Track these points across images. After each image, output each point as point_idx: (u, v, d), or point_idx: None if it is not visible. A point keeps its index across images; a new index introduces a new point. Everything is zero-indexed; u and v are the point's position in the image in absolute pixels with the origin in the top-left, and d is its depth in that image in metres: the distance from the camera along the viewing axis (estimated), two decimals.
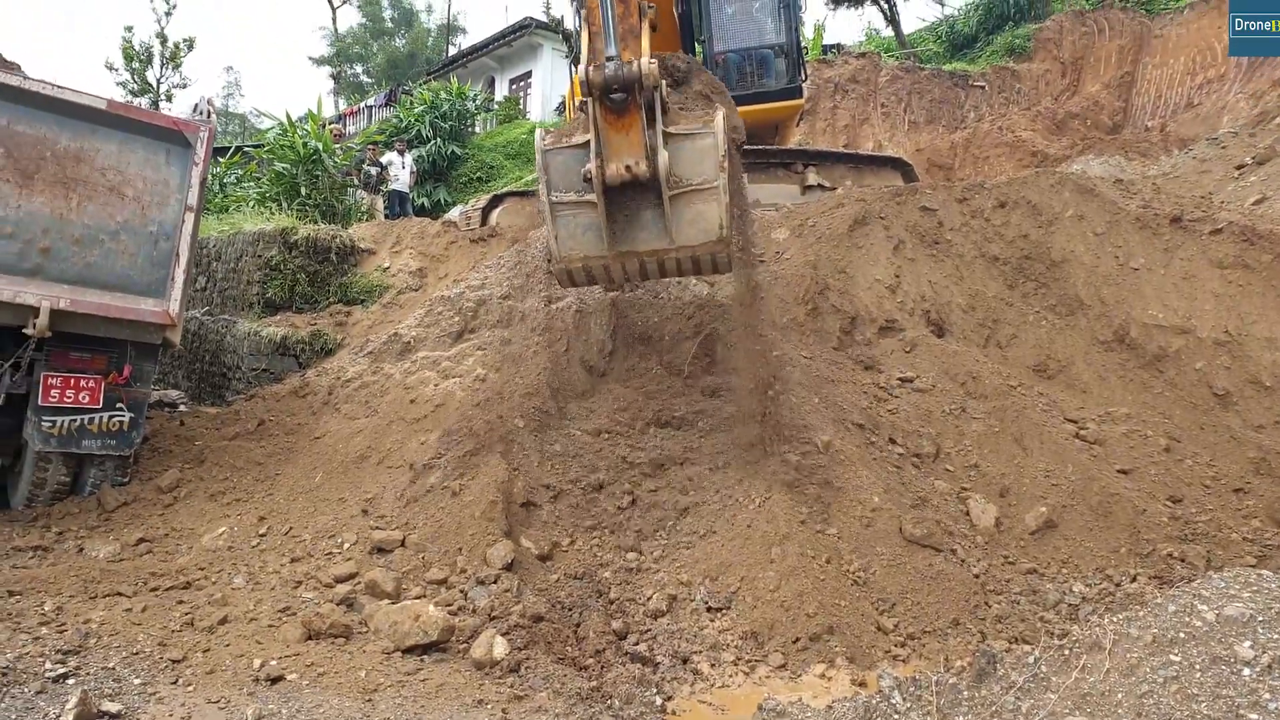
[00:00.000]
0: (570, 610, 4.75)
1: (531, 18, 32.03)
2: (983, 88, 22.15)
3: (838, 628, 4.41)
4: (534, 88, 33.78)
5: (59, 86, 5.91)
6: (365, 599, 4.64)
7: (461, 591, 4.73)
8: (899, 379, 6.61)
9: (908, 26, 28.17)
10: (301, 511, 5.82)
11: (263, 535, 5.53)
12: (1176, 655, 2.62)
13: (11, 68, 6.01)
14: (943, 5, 29.67)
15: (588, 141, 5.24)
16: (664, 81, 5.36)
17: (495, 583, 4.77)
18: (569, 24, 18.84)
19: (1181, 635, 2.69)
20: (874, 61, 23.16)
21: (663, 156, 5.27)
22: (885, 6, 26.89)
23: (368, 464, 6.35)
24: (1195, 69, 18.75)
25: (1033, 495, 5.53)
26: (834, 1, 27.33)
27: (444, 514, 5.40)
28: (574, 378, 6.89)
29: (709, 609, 4.71)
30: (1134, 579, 4.92)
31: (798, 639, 4.36)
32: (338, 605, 4.51)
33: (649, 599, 4.87)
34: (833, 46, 26.33)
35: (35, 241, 5.69)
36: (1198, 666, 2.55)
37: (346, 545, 5.25)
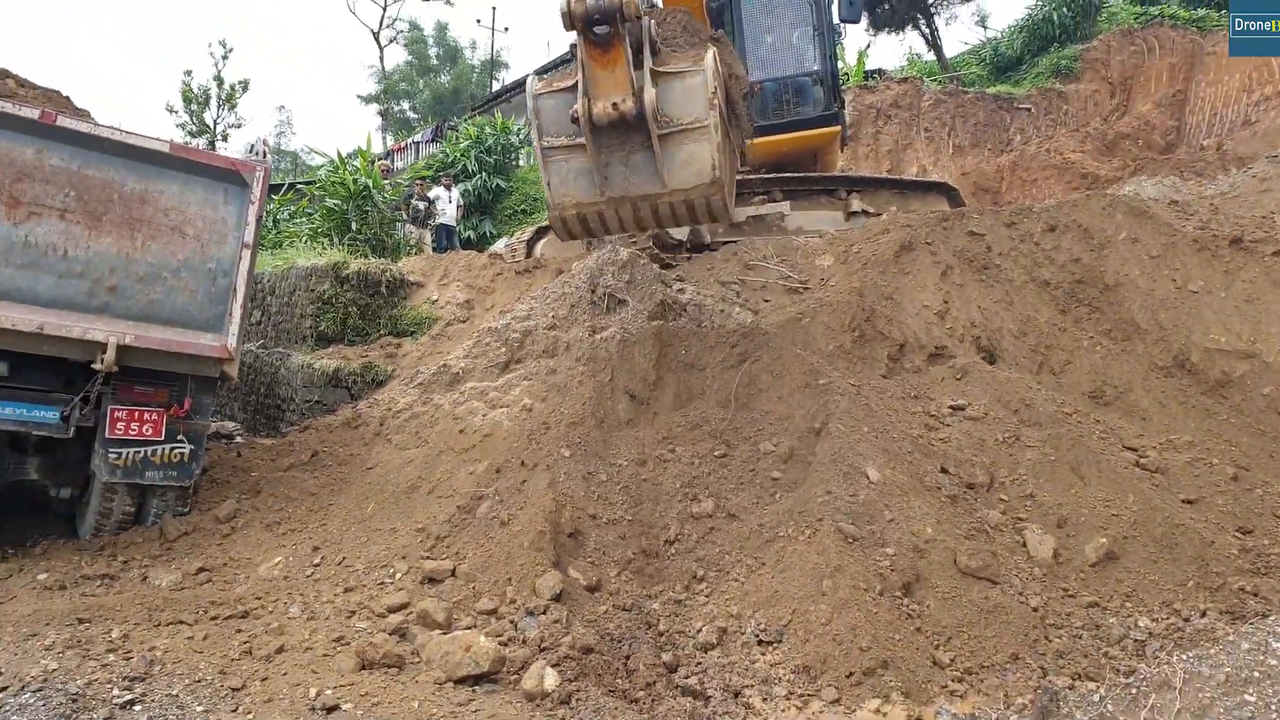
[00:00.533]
0: (620, 642, 4.73)
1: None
2: (1029, 110, 21.96)
3: (892, 662, 4.33)
4: None
5: (125, 132, 6.14)
6: (417, 629, 4.68)
7: (511, 622, 4.75)
8: (950, 407, 6.52)
9: (950, 50, 28.10)
10: (354, 541, 5.90)
11: (317, 565, 5.61)
12: (1252, 695, 2.54)
13: (82, 115, 6.25)
14: (985, 28, 29.53)
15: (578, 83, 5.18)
16: (651, 21, 5.29)
17: (544, 613, 4.78)
18: None
19: (1256, 674, 2.60)
20: (916, 86, 23.09)
21: (649, 93, 5.21)
22: (927, 31, 26.86)
23: (418, 494, 6.42)
24: (1252, 85, 18.41)
25: (1092, 526, 5.40)
26: (874, 27, 27.35)
27: (493, 544, 5.44)
28: (619, 407, 6.91)
29: (760, 642, 4.67)
30: (1203, 614, 4.77)
31: (851, 673, 4.30)
32: (390, 635, 4.56)
33: (699, 631, 4.84)
34: (874, 72, 26.31)
35: (103, 280, 5.89)
36: (1274, 707, 2.47)
37: (398, 575, 5.30)
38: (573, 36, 5.45)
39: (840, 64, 10.90)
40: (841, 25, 10.78)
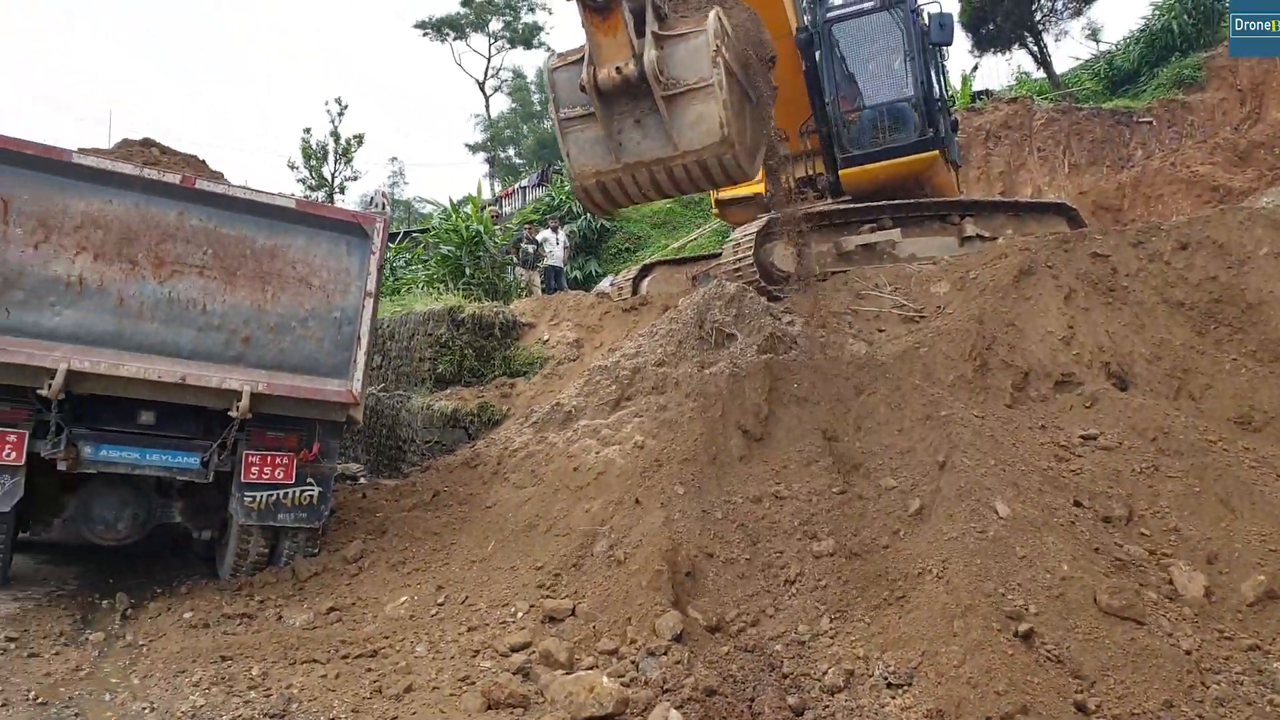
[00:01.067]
0: (743, 684, 4.65)
1: None
2: (1150, 123, 21.01)
3: (1032, 707, 4.11)
4: None
5: (255, 190, 6.52)
6: (540, 668, 4.71)
7: (633, 663, 4.73)
8: (1081, 436, 6.21)
9: (1060, 66, 27.15)
10: (476, 580, 6.01)
11: (441, 604, 5.73)
12: None
13: (216, 176, 6.67)
14: (1098, 42, 28.42)
15: None
16: None
17: (665, 654, 4.74)
18: None
19: None
20: (1027, 105, 22.42)
21: (649, 55, 5.31)
22: (1035, 48, 26.08)
23: (536, 532, 6.50)
24: None
25: (1247, 562, 5.02)
26: (979, 48, 26.73)
27: (611, 583, 5.44)
28: (731, 443, 6.85)
29: (889, 685, 4.51)
30: None
31: (988, 718, 4.10)
32: (514, 675, 4.60)
33: (824, 674, 4.71)
34: (981, 93, 25.67)
35: (238, 332, 6.23)
36: None
37: (519, 614, 5.36)
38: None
39: (945, 87, 10.58)
40: (941, 48, 10.55)
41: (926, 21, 10.31)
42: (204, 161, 7.25)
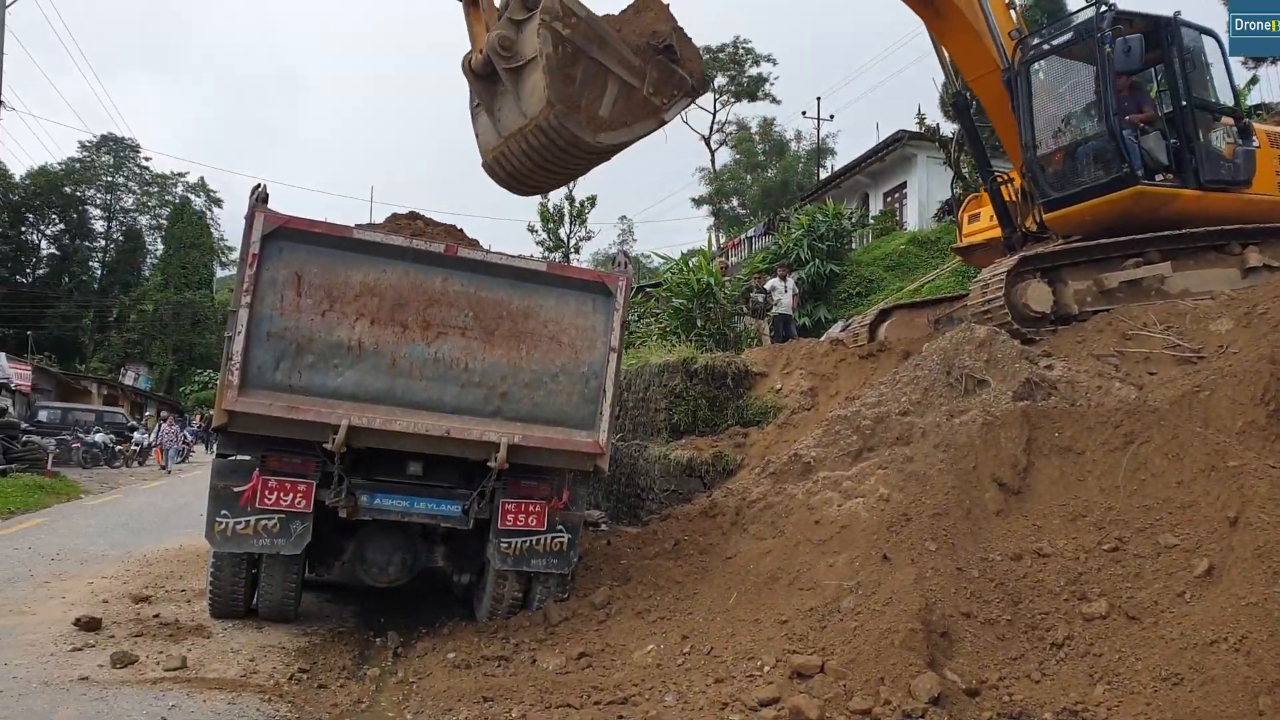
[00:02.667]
0: None
1: (904, 130, 32.10)
2: None
3: None
4: (909, 197, 33.62)
5: (510, 255, 6.99)
6: None
7: None
8: None
9: None
10: (720, 631, 6.00)
11: (686, 654, 5.76)
12: None
13: (473, 244, 7.22)
14: None
15: None
16: None
17: (923, 717, 4.49)
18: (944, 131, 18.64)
19: None
20: None
21: (491, 34, 6.12)
22: None
23: (779, 585, 6.41)
24: None
25: None
26: (1254, 60, 24.09)
27: (861, 640, 5.24)
28: (986, 497, 6.45)
29: None
30: None
31: None
32: None
33: None
34: (1256, 108, 23.07)
35: (496, 388, 6.65)
36: None
37: (766, 668, 5.28)
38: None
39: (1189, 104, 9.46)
40: (1185, 75, 9.48)
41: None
42: (461, 230, 7.87)
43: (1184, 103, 9.30)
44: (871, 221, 32.26)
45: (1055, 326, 8.85)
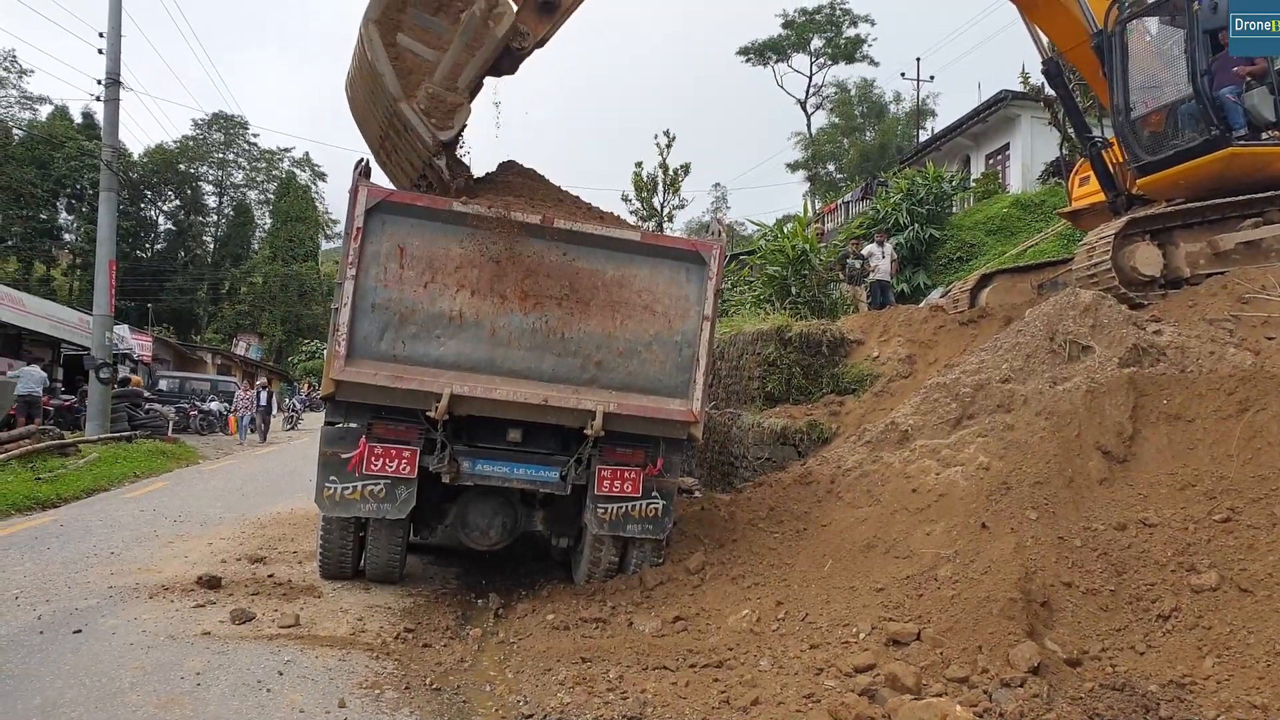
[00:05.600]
0: None
1: (1007, 90, 30.79)
2: None
3: None
4: (1013, 159, 32.33)
5: (606, 224, 7.05)
6: (886, 691, 4.60)
7: (985, 693, 4.47)
8: None
9: None
10: (815, 598, 6.02)
11: (781, 620, 5.80)
12: None
13: (591, 210, 7.31)
14: None
15: None
16: None
17: (1022, 686, 4.43)
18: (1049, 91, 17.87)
19: None
20: None
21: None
22: None
23: (874, 553, 6.38)
24: None
25: None
26: None
27: (958, 609, 5.19)
28: (1090, 465, 6.26)
29: None
30: None
31: None
32: (860, 696, 4.53)
33: None
34: None
35: (591, 356, 6.76)
36: None
37: (862, 635, 5.29)
38: None
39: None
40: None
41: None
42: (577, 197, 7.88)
43: None
44: (973, 184, 31.16)
45: (1165, 290, 8.46)
